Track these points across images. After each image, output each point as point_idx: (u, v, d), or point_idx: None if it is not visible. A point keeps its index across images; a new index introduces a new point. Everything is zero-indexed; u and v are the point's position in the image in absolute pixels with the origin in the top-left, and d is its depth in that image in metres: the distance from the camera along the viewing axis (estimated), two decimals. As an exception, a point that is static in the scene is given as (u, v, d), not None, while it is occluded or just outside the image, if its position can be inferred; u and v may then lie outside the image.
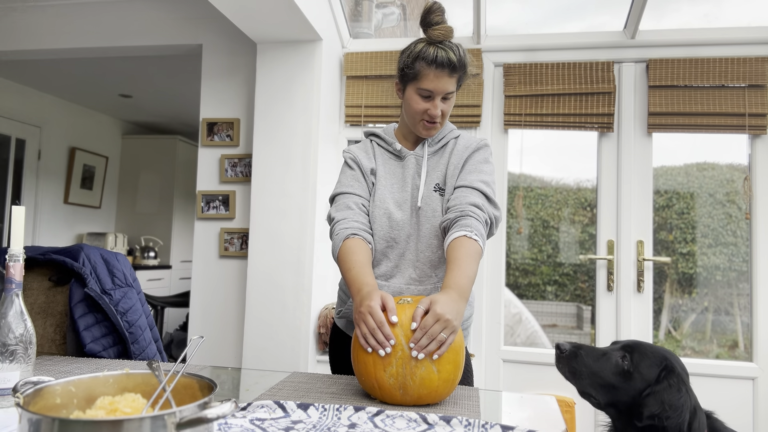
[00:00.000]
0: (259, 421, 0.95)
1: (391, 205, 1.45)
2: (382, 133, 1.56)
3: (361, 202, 1.46)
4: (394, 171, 1.51)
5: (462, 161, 1.48)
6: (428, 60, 1.37)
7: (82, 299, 1.51)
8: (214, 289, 2.97)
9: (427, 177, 1.48)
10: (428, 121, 1.43)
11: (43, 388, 0.73)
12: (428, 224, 1.44)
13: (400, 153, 1.51)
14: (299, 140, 2.77)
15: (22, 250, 1.04)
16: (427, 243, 1.44)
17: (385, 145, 1.54)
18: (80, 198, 5.30)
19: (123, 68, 4.12)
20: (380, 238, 1.44)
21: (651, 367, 1.15)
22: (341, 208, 1.45)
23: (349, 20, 3.10)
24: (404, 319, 1.08)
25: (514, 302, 4.66)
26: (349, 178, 1.50)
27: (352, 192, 1.47)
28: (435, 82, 1.38)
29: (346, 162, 1.54)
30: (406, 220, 1.45)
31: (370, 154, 1.54)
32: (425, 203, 1.45)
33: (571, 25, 3.20)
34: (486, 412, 1.07)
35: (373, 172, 1.50)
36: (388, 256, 1.45)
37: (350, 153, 1.55)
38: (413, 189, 1.47)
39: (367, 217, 1.46)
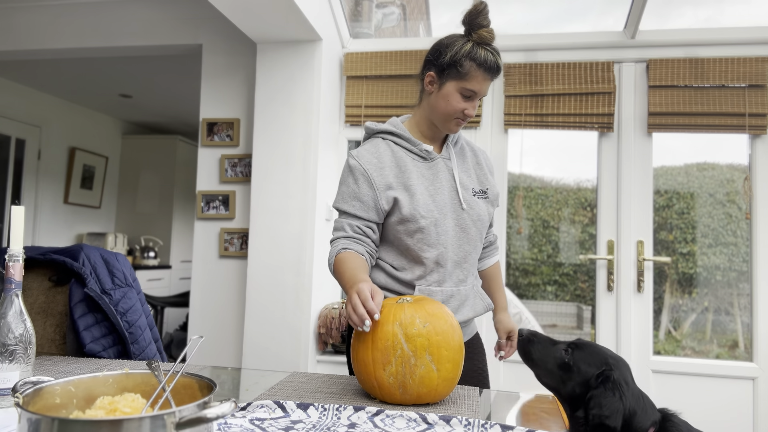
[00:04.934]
0: (259, 421, 0.95)
1: (435, 212, 1.42)
2: (402, 132, 1.49)
3: (357, 225, 1.41)
4: (424, 174, 1.46)
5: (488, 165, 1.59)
6: (478, 61, 1.38)
7: (81, 299, 1.50)
8: (214, 289, 2.97)
9: (460, 179, 1.49)
10: (461, 119, 1.44)
11: (43, 388, 0.73)
12: (474, 228, 1.46)
13: (428, 155, 1.47)
14: (299, 140, 2.77)
15: (22, 250, 1.04)
16: (471, 246, 1.47)
17: (408, 146, 1.48)
18: (80, 198, 5.30)
19: (123, 68, 4.12)
20: (429, 244, 1.41)
21: (590, 366, 1.24)
22: (337, 228, 1.44)
23: (349, 20, 3.10)
24: (404, 318, 1.08)
25: (514, 302, 4.65)
26: (351, 195, 1.44)
27: (352, 213, 1.43)
28: (482, 84, 1.40)
29: (352, 172, 1.45)
30: (451, 224, 1.43)
31: (385, 160, 1.45)
32: (468, 206, 1.46)
33: (572, 26, 3.20)
34: (486, 412, 1.07)
35: (389, 186, 1.42)
36: (438, 262, 1.42)
37: (360, 164, 1.44)
38: (450, 191, 1.46)
39: (364, 237, 1.42)
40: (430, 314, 1.10)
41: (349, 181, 1.45)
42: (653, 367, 2.75)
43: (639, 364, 2.75)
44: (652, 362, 2.75)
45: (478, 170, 1.55)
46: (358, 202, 1.42)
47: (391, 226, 1.44)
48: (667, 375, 2.74)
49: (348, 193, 1.44)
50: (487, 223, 1.51)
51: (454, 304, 1.45)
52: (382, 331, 1.08)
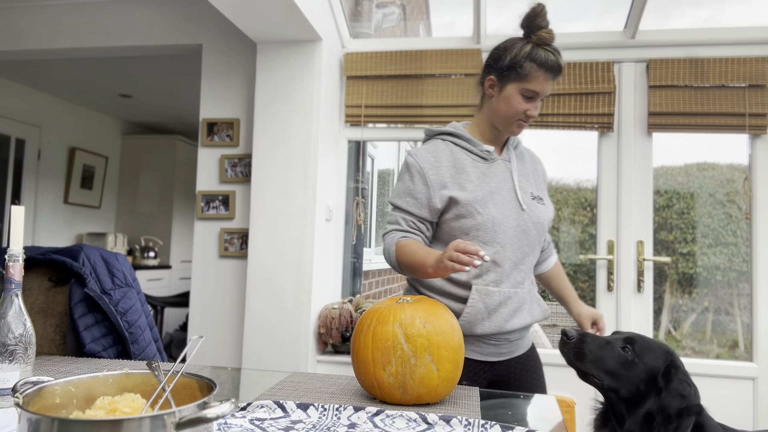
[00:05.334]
0: (259, 421, 0.95)
1: (493, 210, 1.43)
2: (462, 133, 1.51)
3: (411, 220, 1.45)
4: (484, 172, 1.48)
5: (544, 175, 1.63)
6: (539, 62, 1.40)
7: (81, 299, 1.50)
8: (214, 289, 2.97)
9: (519, 182, 1.51)
10: (523, 121, 1.46)
11: (43, 388, 0.73)
12: (534, 230, 1.48)
13: (488, 156, 1.49)
14: (299, 140, 2.77)
15: (22, 250, 1.04)
16: (530, 248, 1.48)
17: (468, 146, 1.50)
18: (80, 198, 5.30)
19: (123, 68, 4.12)
20: (485, 242, 1.42)
21: (656, 360, 1.21)
22: (392, 222, 1.49)
23: (349, 20, 3.10)
24: (404, 318, 1.08)
25: (514, 302, 4.66)
26: (406, 192, 1.47)
27: (406, 209, 1.46)
28: (543, 84, 1.42)
29: (409, 169, 1.49)
30: (511, 224, 1.44)
31: (442, 160, 1.48)
32: (528, 208, 1.47)
33: (572, 26, 3.20)
34: (486, 412, 1.07)
35: (444, 185, 1.44)
36: (495, 261, 1.43)
37: (417, 162, 1.48)
38: (509, 192, 1.47)
39: (418, 232, 1.46)
40: (430, 314, 1.10)
41: (405, 178, 1.49)
42: (653, 367, 2.75)
43: (639, 364, 2.75)
44: (652, 362, 2.75)
45: (535, 177, 1.58)
46: (412, 199, 1.46)
47: (446, 223, 1.45)
48: (667, 375, 2.73)
49: (403, 189, 1.48)
50: (546, 228, 1.52)
51: (511, 307, 1.44)
52: (382, 331, 1.08)
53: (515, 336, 1.50)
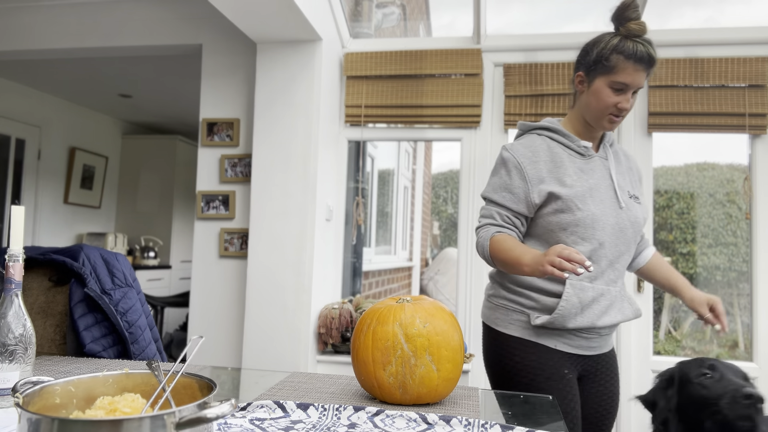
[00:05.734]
0: (259, 421, 0.95)
1: (592, 207, 1.41)
2: (559, 128, 1.50)
3: (506, 214, 1.44)
4: (582, 168, 1.46)
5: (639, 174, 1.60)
6: (627, 54, 1.38)
7: (81, 299, 1.50)
8: (214, 289, 2.97)
9: (617, 180, 1.49)
10: (615, 115, 1.43)
11: (43, 388, 0.73)
12: (631, 229, 1.46)
13: (586, 152, 1.48)
14: (299, 140, 2.77)
15: (22, 250, 1.04)
16: (626, 246, 1.46)
17: (566, 141, 1.48)
18: (80, 198, 5.30)
19: (123, 68, 4.12)
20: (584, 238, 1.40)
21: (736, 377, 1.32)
22: (485, 216, 1.48)
23: (349, 20, 3.10)
24: (404, 318, 1.08)
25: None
26: (502, 186, 1.46)
27: (501, 203, 1.45)
28: (633, 75, 1.39)
29: (505, 164, 1.47)
30: (610, 222, 1.42)
31: (540, 154, 1.46)
32: (626, 206, 1.46)
33: (572, 26, 3.20)
34: (486, 412, 1.07)
35: (542, 180, 1.43)
36: (591, 258, 1.41)
37: (514, 157, 1.46)
38: (608, 190, 1.45)
39: (512, 227, 1.45)
40: (431, 314, 1.10)
41: (501, 173, 1.48)
42: (653, 368, 2.75)
43: (639, 364, 2.75)
44: (652, 362, 2.75)
45: (630, 175, 1.56)
46: (509, 193, 1.45)
47: (543, 218, 1.44)
48: (667, 375, 2.74)
49: (499, 184, 1.47)
50: (642, 227, 1.50)
51: (603, 304, 1.43)
52: (382, 331, 1.08)
53: (606, 331, 1.49)
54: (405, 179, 5.65)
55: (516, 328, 1.47)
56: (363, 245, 3.55)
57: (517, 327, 1.47)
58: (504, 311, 1.51)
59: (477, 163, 2.97)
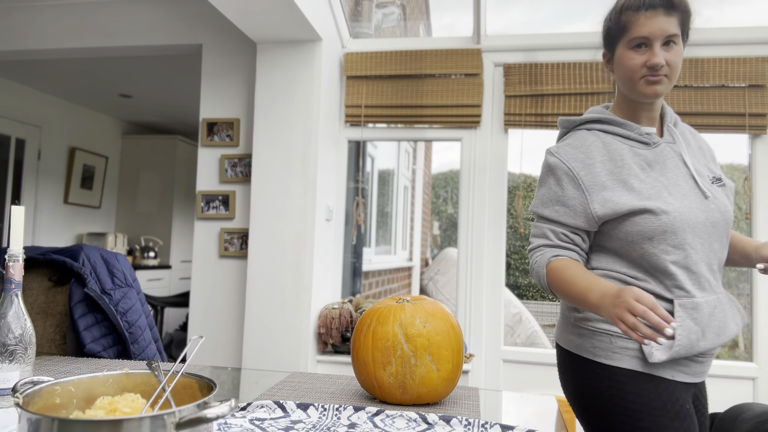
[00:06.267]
0: (259, 421, 0.95)
1: (676, 205, 1.18)
2: (612, 117, 1.28)
3: (562, 232, 1.24)
4: (649, 162, 1.23)
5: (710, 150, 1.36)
6: (634, 6, 1.22)
7: (81, 299, 1.50)
8: (214, 289, 2.97)
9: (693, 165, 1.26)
10: (651, 75, 1.20)
11: (43, 388, 0.73)
12: (723, 221, 1.23)
13: (650, 139, 1.25)
14: (299, 140, 2.77)
15: (22, 250, 1.04)
16: (720, 243, 1.24)
17: (623, 132, 1.26)
18: (80, 198, 5.30)
19: (123, 68, 4.12)
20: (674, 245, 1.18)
21: None
22: (538, 235, 1.28)
23: (349, 20, 3.10)
24: (404, 318, 1.08)
25: (514, 302, 4.66)
26: (553, 199, 1.25)
27: (555, 219, 1.24)
28: (648, 25, 1.20)
29: (553, 172, 1.26)
30: (700, 218, 1.20)
31: (595, 155, 1.24)
32: (712, 195, 1.23)
33: (572, 27, 3.20)
34: (486, 412, 1.07)
35: (603, 186, 1.21)
36: (687, 267, 1.19)
37: (562, 162, 1.25)
38: (686, 180, 1.23)
39: (572, 246, 1.24)
40: (431, 314, 1.10)
41: (550, 183, 1.26)
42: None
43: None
44: (652, 362, 2.75)
45: (703, 155, 1.33)
46: (562, 206, 1.23)
47: (619, 229, 1.21)
48: (667, 375, 2.74)
49: (549, 196, 1.26)
50: (732, 215, 1.27)
51: (718, 318, 1.21)
52: (382, 331, 1.08)
53: (717, 350, 1.26)
54: (405, 179, 5.65)
55: (624, 358, 1.20)
56: (363, 245, 3.55)
57: (625, 357, 1.20)
58: (605, 338, 1.23)
59: (477, 163, 2.97)
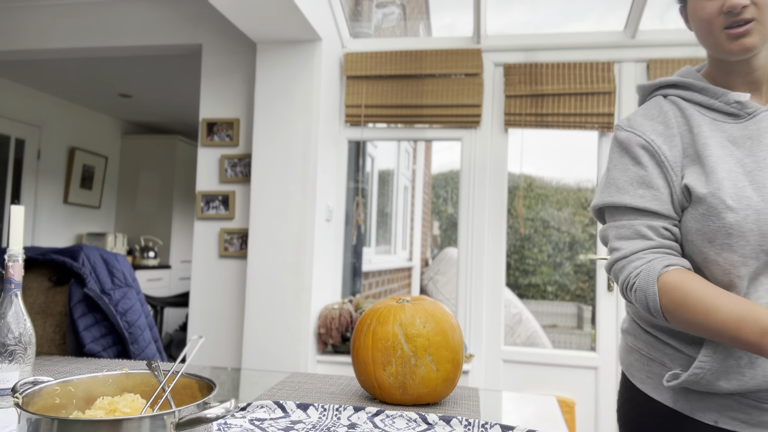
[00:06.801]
0: (259, 422, 0.95)
1: (754, 197, 0.90)
2: (694, 80, 1.02)
3: (661, 226, 0.95)
4: (734, 139, 0.96)
5: None
6: None
7: (81, 299, 1.50)
8: (214, 290, 2.97)
9: None
10: (732, 25, 0.93)
11: (43, 388, 0.73)
12: None
13: (740, 109, 0.97)
14: (299, 140, 2.77)
15: (22, 250, 1.04)
16: None
17: (706, 100, 0.99)
18: (80, 198, 5.30)
19: (123, 68, 4.12)
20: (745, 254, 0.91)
21: None
22: (625, 237, 0.97)
23: (349, 20, 3.10)
24: (404, 318, 1.08)
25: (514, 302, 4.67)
26: (634, 180, 0.98)
27: (642, 207, 0.96)
28: None
29: (628, 148, 1.00)
30: None
31: (674, 126, 0.99)
32: None
33: (573, 26, 3.20)
34: (486, 412, 1.07)
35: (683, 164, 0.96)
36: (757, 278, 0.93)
37: (638, 135, 0.99)
38: None
39: (674, 242, 0.96)
40: (431, 314, 1.10)
41: (625, 162, 1.00)
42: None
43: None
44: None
45: None
46: (649, 189, 0.96)
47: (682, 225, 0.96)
48: (667, 375, 2.74)
49: (627, 178, 0.98)
50: None
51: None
52: (382, 331, 1.08)
53: None
54: (405, 179, 5.65)
55: (654, 387, 1.01)
56: (363, 245, 3.55)
57: (656, 385, 1.01)
58: (639, 358, 1.04)
59: (477, 163, 2.97)
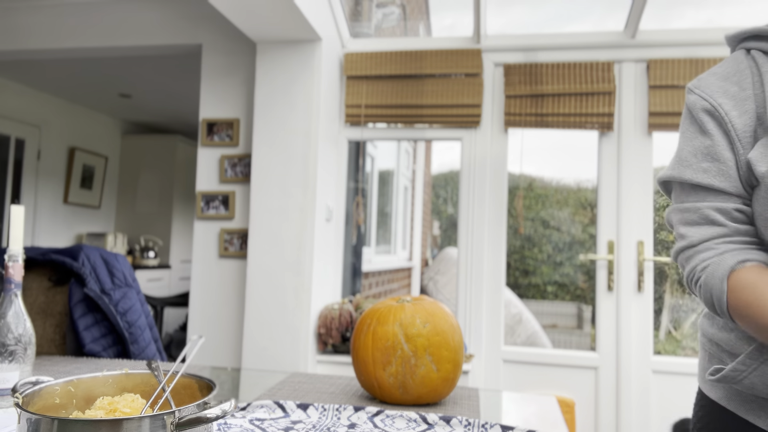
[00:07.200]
0: (259, 422, 0.95)
1: None
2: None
3: (733, 208, 0.80)
4: None
5: None
6: None
7: (81, 299, 1.50)
8: (214, 289, 2.97)
9: None
10: None
11: (43, 388, 0.73)
12: None
13: None
14: (299, 140, 2.77)
15: (22, 250, 1.04)
16: None
17: None
18: (80, 198, 5.30)
19: (123, 68, 4.12)
20: None
21: None
22: (695, 221, 0.83)
23: (349, 20, 3.10)
24: (404, 318, 1.08)
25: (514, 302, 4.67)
26: (699, 152, 0.83)
27: (710, 186, 0.81)
28: None
29: (693, 113, 0.85)
30: None
31: (748, 87, 0.81)
32: None
33: (573, 26, 3.20)
34: (486, 412, 1.07)
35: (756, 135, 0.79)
36: None
37: (704, 96, 0.83)
38: None
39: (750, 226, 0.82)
40: (431, 314, 1.10)
41: (692, 130, 0.85)
42: (653, 367, 2.75)
43: (639, 364, 2.75)
44: (653, 362, 2.75)
45: None
46: (714, 162, 0.81)
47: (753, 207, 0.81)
48: (667, 375, 2.74)
49: (691, 148, 0.83)
50: None
51: None
52: (382, 331, 1.08)
53: None
54: (405, 179, 5.65)
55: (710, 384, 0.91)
56: (363, 245, 3.55)
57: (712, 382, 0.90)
58: (703, 355, 0.94)
59: (477, 163, 2.97)
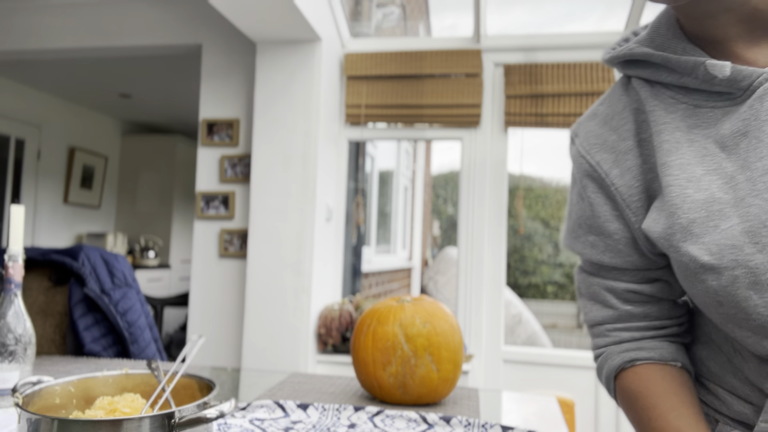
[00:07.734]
0: (259, 421, 0.95)
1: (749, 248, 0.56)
2: (653, 51, 0.67)
3: (624, 289, 0.71)
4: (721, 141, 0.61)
5: None
6: None
7: (81, 299, 1.50)
8: (214, 290, 2.97)
9: None
10: None
11: (43, 388, 0.73)
12: None
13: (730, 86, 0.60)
14: (299, 140, 2.77)
15: (22, 250, 1.04)
16: None
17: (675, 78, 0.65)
18: (80, 198, 5.30)
19: (123, 68, 4.12)
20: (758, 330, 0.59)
21: None
22: (589, 296, 0.76)
23: (349, 20, 3.10)
24: (404, 318, 1.08)
25: (514, 302, 4.67)
26: (583, 223, 0.74)
27: (600, 262, 0.73)
28: None
29: (574, 173, 0.78)
30: None
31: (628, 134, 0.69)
32: None
33: (573, 27, 3.20)
34: (486, 412, 1.07)
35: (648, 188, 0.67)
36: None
37: (583, 153, 0.74)
38: None
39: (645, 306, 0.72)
40: (431, 314, 1.10)
41: (575, 193, 0.77)
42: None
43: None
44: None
45: None
46: (600, 236, 0.72)
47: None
48: (667, 375, 2.73)
49: (576, 217, 0.76)
50: None
51: None
52: (382, 331, 1.08)
53: None
54: (405, 179, 5.65)
55: None
56: (363, 245, 3.55)
57: None
58: None
59: (477, 163, 2.97)
